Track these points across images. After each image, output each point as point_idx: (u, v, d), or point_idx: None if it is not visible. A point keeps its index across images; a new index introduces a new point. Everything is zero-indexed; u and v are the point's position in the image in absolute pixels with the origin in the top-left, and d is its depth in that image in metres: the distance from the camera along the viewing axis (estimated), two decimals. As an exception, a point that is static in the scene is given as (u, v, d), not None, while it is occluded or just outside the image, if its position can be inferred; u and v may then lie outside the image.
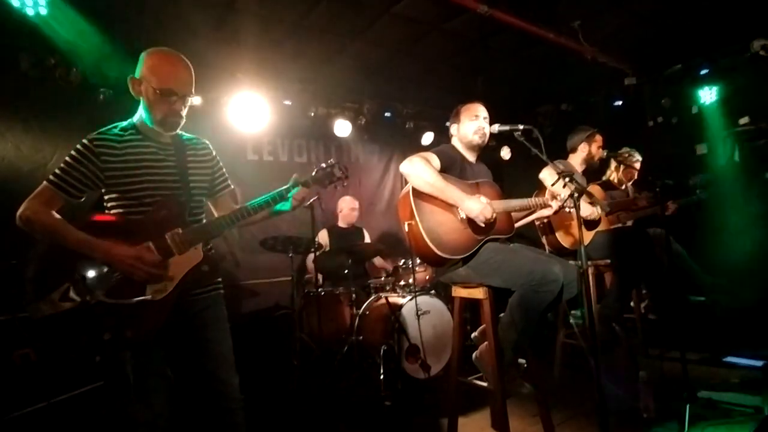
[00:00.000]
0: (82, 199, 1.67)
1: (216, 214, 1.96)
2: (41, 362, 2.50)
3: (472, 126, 2.45)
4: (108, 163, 1.63)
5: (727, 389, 2.82)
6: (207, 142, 1.93)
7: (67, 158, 1.63)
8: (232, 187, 1.99)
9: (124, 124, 1.74)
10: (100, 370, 2.45)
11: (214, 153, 1.93)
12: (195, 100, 1.75)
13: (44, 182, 1.62)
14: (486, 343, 2.27)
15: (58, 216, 1.59)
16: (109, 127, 1.71)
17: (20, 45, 3.33)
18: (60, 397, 2.54)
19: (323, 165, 1.97)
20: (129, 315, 1.55)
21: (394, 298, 3.76)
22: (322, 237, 4.53)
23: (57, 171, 1.62)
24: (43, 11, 2.98)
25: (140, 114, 1.75)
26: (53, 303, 1.49)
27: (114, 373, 1.61)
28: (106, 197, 1.70)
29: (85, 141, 1.64)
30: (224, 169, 1.97)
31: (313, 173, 1.94)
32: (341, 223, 4.69)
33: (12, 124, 3.43)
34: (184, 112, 1.74)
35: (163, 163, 1.73)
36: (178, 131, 1.81)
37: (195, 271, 1.68)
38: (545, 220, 3.08)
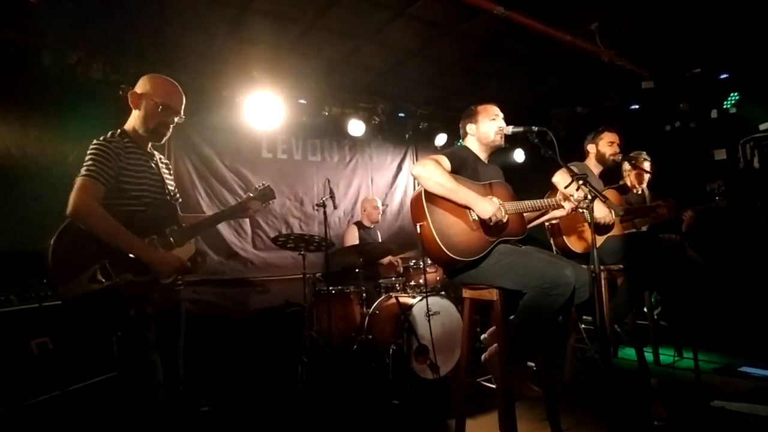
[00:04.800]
0: None
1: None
2: (57, 351, 2.56)
3: (493, 126, 2.44)
4: (123, 162, 1.81)
5: (741, 399, 2.78)
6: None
7: (94, 155, 1.74)
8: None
9: (117, 132, 1.88)
10: (113, 358, 2.59)
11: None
12: (179, 119, 2.00)
13: (84, 177, 1.71)
14: (495, 345, 2.27)
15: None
16: (107, 134, 1.84)
17: (42, 41, 3.41)
18: (75, 386, 2.60)
19: (261, 185, 2.32)
20: (146, 294, 1.78)
21: (405, 298, 3.76)
22: (352, 232, 4.59)
23: (92, 167, 1.72)
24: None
25: (132, 124, 1.92)
26: (82, 284, 1.65)
27: (129, 346, 1.78)
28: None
29: (102, 141, 1.78)
30: None
31: (257, 192, 2.29)
32: (365, 221, 4.75)
33: (34, 119, 3.52)
34: (171, 127, 1.98)
35: (152, 169, 1.95)
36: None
37: (192, 261, 1.96)
38: (555, 222, 3.03)
